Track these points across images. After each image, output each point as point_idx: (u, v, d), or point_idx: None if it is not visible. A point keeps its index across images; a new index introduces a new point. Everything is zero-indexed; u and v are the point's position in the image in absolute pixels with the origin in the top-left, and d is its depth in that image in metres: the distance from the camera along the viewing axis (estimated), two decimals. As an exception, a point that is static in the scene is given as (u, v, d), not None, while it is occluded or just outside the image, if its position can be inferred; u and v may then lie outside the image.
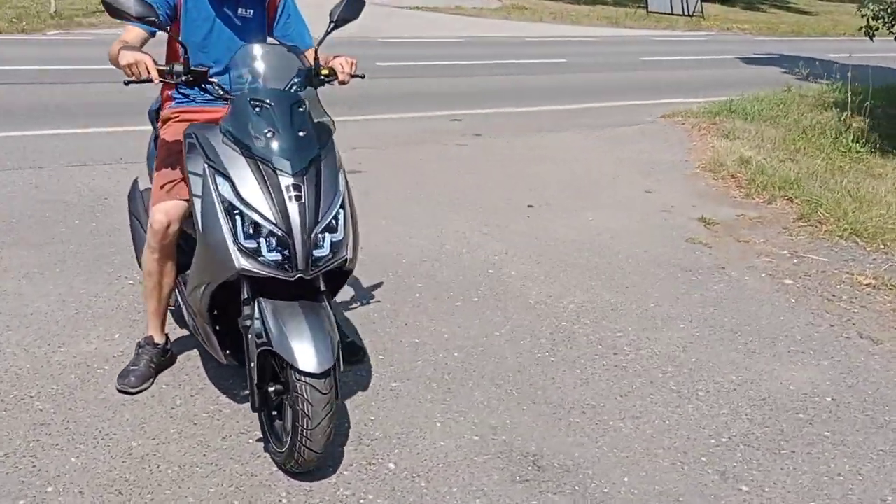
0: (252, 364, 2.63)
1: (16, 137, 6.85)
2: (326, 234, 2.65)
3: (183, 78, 2.77)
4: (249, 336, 2.65)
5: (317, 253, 2.63)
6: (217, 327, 2.86)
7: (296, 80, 2.83)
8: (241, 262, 2.58)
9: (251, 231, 2.59)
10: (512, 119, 9.06)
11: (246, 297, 2.66)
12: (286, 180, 2.60)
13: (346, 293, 4.22)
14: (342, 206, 2.72)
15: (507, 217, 5.64)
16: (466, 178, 6.59)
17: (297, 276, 2.58)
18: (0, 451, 2.77)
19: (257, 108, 2.67)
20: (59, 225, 4.89)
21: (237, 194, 2.59)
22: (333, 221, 2.68)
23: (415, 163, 6.96)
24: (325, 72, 2.97)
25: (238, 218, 2.59)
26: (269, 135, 2.62)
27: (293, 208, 2.58)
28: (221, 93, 2.80)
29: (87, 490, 2.61)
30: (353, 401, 3.22)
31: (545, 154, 7.50)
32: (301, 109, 2.72)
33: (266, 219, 2.56)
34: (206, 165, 2.67)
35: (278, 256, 2.59)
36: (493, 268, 4.70)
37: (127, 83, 2.74)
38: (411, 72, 12.32)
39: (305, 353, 2.52)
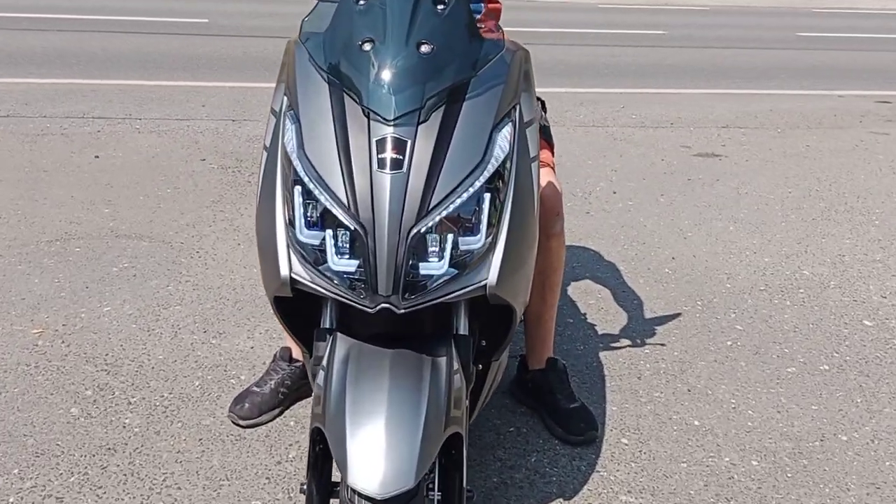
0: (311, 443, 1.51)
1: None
2: (448, 236, 1.41)
3: None
4: (314, 393, 1.52)
5: (423, 269, 1.40)
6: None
7: None
8: (294, 269, 1.44)
9: (317, 216, 1.44)
10: (966, 105, 6.66)
11: (326, 325, 1.54)
12: (380, 130, 1.40)
13: (613, 320, 2.88)
14: (489, 188, 1.44)
15: (921, 239, 3.77)
16: (871, 178, 4.71)
17: (380, 306, 1.39)
18: (30, 480, 2.00)
19: (362, 4, 1.50)
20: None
21: (301, 149, 1.45)
22: (466, 213, 1.42)
23: (800, 151, 5.20)
24: None
25: (298, 191, 1.45)
26: (366, 48, 1.44)
27: (382, 182, 1.37)
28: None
29: (73, 580, 1.71)
30: (542, 516, 1.94)
31: None
32: (439, 8, 1.48)
33: (334, 197, 1.40)
34: (284, 97, 1.57)
35: (352, 266, 1.41)
36: (874, 318, 2.98)
37: None
38: (834, 43, 10.04)
39: (362, 456, 1.33)
